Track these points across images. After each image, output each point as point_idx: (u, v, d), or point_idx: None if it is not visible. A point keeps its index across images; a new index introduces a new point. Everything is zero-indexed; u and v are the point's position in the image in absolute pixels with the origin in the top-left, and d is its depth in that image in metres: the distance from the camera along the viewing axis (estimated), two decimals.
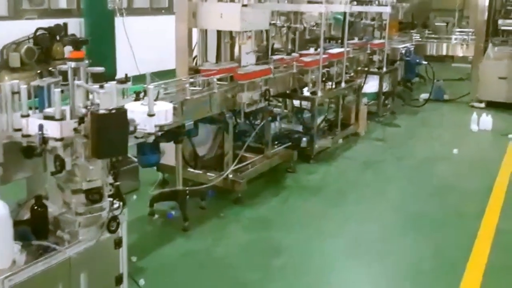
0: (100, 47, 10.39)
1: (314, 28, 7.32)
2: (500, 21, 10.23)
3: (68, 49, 8.63)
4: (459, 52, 10.53)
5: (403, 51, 9.20)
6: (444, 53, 10.43)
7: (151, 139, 3.46)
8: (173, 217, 4.83)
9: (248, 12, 5.09)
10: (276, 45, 7.43)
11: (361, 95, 7.67)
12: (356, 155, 6.87)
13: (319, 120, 7.30)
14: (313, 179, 6.00)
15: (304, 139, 6.45)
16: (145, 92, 4.06)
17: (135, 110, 3.18)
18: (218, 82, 4.95)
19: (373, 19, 8.77)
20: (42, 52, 9.21)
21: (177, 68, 5.31)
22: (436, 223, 4.90)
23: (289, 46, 7.19)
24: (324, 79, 6.48)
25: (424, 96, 10.18)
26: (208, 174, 5.34)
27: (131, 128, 2.85)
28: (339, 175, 6.16)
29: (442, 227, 4.83)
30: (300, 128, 6.93)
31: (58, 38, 9.52)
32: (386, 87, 9.37)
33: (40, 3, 10.10)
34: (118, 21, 9.94)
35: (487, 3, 9.64)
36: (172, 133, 4.57)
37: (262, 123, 5.74)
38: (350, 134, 7.63)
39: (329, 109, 7.71)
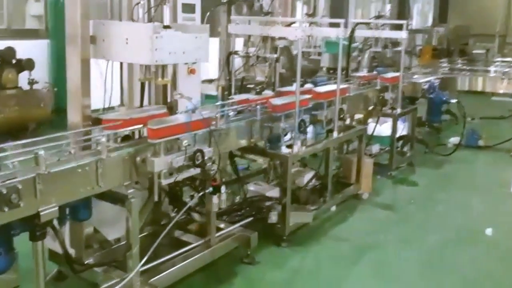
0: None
1: (303, 57, 5.53)
2: None
3: None
4: (499, 88, 8.53)
5: (426, 87, 7.30)
6: (480, 88, 8.45)
7: None
8: None
9: (168, 37, 3.37)
10: (259, 78, 5.70)
11: (363, 147, 5.80)
12: (348, 234, 4.99)
13: (306, 178, 5.51)
14: (277, 279, 4.14)
15: (274, 212, 4.64)
16: None
17: None
18: (109, 145, 3.24)
19: (385, 46, 6.89)
20: None
21: (69, 116, 3.61)
22: None
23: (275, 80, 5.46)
24: (302, 128, 4.66)
25: (453, 140, 8.21)
26: (109, 274, 3.60)
27: None
28: (316, 272, 4.28)
29: None
30: (277, 191, 5.11)
31: (14, 62, 8.04)
32: (403, 130, 7.48)
33: None
34: None
35: None
36: (22, 225, 2.90)
37: (197, 196, 3.96)
38: (350, 197, 5.77)
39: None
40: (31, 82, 8.17)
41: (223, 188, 3.86)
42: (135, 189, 3.55)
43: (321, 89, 5.15)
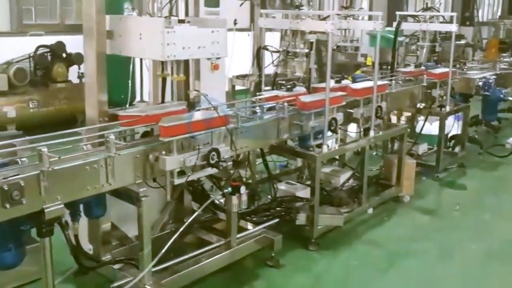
0: (113, 68, 9.07)
1: (341, 51, 5.29)
2: None
3: None
4: None
5: (480, 83, 6.81)
6: None
7: None
8: None
9: (181, 31, 3.26)
10: (299, 73, 5.51)
11: (404, 146, 5.47)
12: (383, 239, 4.71)
13: (343, 178, 5.28)
14: (300, 284, 3.96)
15: (302, 214, 4.45)
16: None
17: None
18: (114, 143, 3.16)
19: (433, 40, 6.45)
20: (42, 73, 8.02)
21: (86, 112, 3.60)
22: None
23: (314, 76, 5.26)
24: (332, 127, 4.43)
25: None
26: (124, 271, 3.56)
27: None
28: (343, 279, 4.07)
29: None
30: (308, 191, 4.90)
31: (64, 56, 8.26)
32: (456, 129, 7.05)
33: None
34: None
35: None
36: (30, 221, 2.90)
37: (214, 196, 3.86)
38: (390, 199, 5.48)
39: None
40: (81, 76, 8.36)
41: (242, 189, 3.71)
42: (151, 187, 3.51)
43: (357, 85, 4.89)
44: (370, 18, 5.44)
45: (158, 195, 3.92)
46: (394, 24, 6.29)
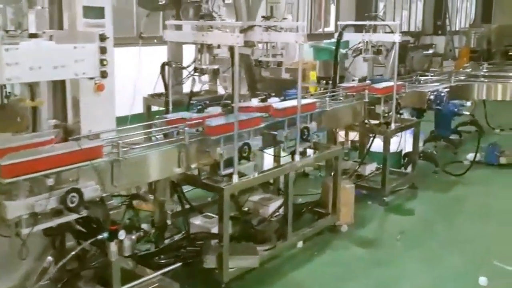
0: None
1: (263, 67, 4.73)
2: None
3: None
4: None
5: (432, 97, 6.31)
6: (500, 97, 7.30)
7: None
8: None
9: (28, 48, 2.66)
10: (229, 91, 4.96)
11: (339, 170, 4.90)
12: (311, 278, 4.12)
13: (272, 207, 4.72)
14: None
15: (210, 255, 3.85)
16: None
17: None
18: None
19: (378, 52, 5.91)
20: None
21: None
22: None
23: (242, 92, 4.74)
24: (245, 154, 3.85)
25: (471, 156, 7.13)
26: None
27: None
28: None
29: None
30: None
31: None
32: (407, 145, 6.55)
33: None
34: None
35: None
36: None
37: (85, 243, 3.23)
38: (325, 229, 4.91)
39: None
40: (7, 96, 7.71)
41: (121, 234, 3.11)
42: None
43: (280, 105, 4.33)
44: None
45: (38, 238, 3.32)
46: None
